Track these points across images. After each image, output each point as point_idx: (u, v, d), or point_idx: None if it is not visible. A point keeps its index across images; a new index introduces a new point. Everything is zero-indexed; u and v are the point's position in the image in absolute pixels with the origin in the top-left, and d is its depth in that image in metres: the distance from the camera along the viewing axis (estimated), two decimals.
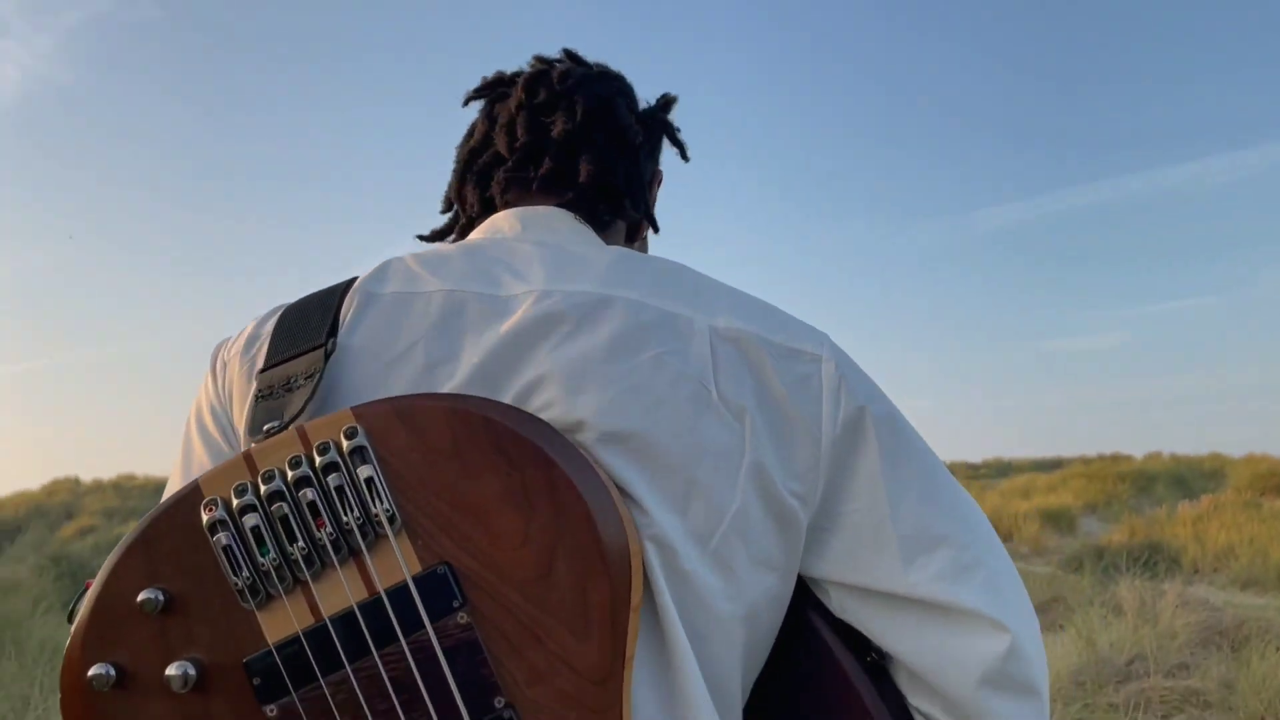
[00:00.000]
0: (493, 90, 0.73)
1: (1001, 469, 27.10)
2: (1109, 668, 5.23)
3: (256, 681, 0.47)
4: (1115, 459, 21.74)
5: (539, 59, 0.74)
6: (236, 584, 0.47)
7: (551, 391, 0.54)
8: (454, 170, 0.74)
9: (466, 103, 0.75)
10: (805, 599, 0.59)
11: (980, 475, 24.67)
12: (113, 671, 0.47)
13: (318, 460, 0.48)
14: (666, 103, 0.76)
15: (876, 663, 0.58)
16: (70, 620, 0.48)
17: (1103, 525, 11.71)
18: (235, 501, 0.47)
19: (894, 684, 0.58)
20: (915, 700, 0.58)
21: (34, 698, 4.92)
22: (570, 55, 0.74)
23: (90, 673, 0.47)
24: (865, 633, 0.58)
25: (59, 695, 0.49)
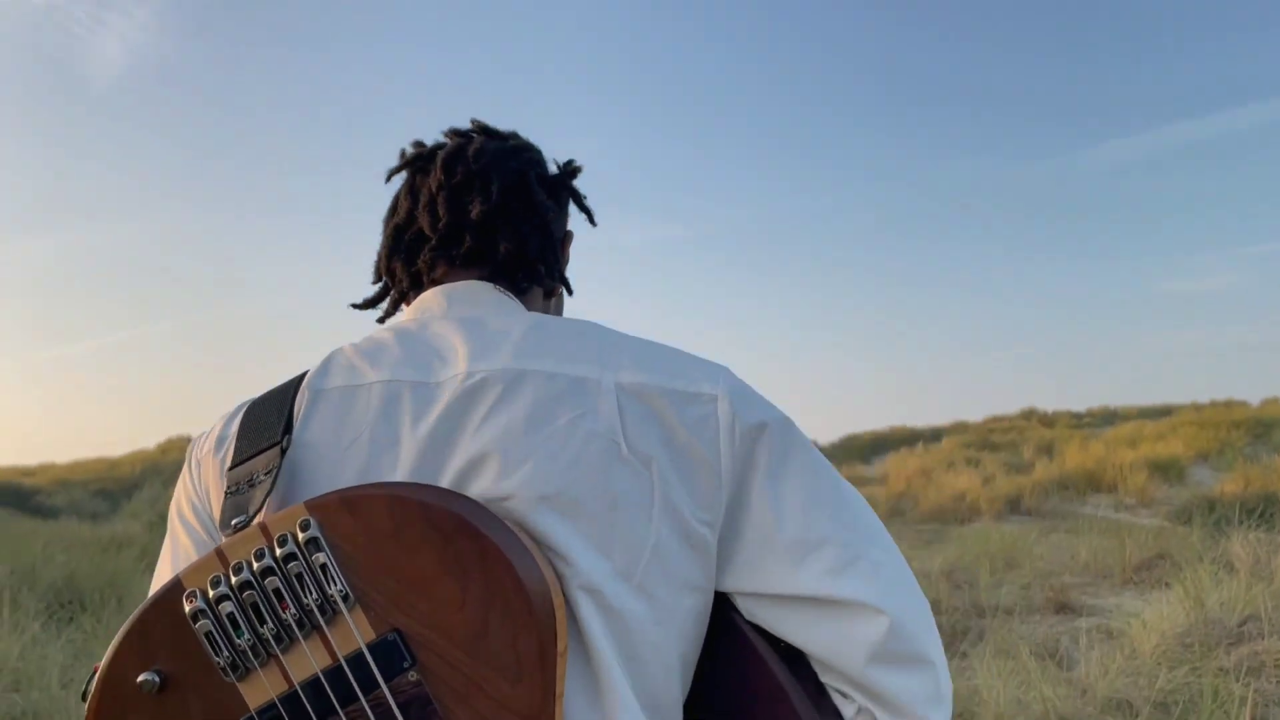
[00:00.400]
0: (413, 165, 0.81)
1: (1107, 417, 26.20)
2: (1219, 629, 5.07)
3: None
4: (1229, 405, 20.84)
5: (454, 132, 0.82)
6: (219, 662, 0.57)
7: (481, 466, 0.63)
8: (382, 244, 0.82)
9: (389, 179, 0.83)
10: (727, 600, 0.68)
11: (1084, 424, 23.95)
12: (111, 712, 0.57)
13: (278, 551, 0.57)
14: (573, 171, 0.84)
15: (791, 649, 0.67)
16: (84, 699, 0.58)
17: (1215, 475, 11.26)
18: (211, 592, 0.57)
19: (809, 665, 0.67)
20: (825, 678, 0.67)
21: None
22: (483, 129, 0.82)
23: (99, 712, 0.57)
24: (772, 631, 0.66)
25: None
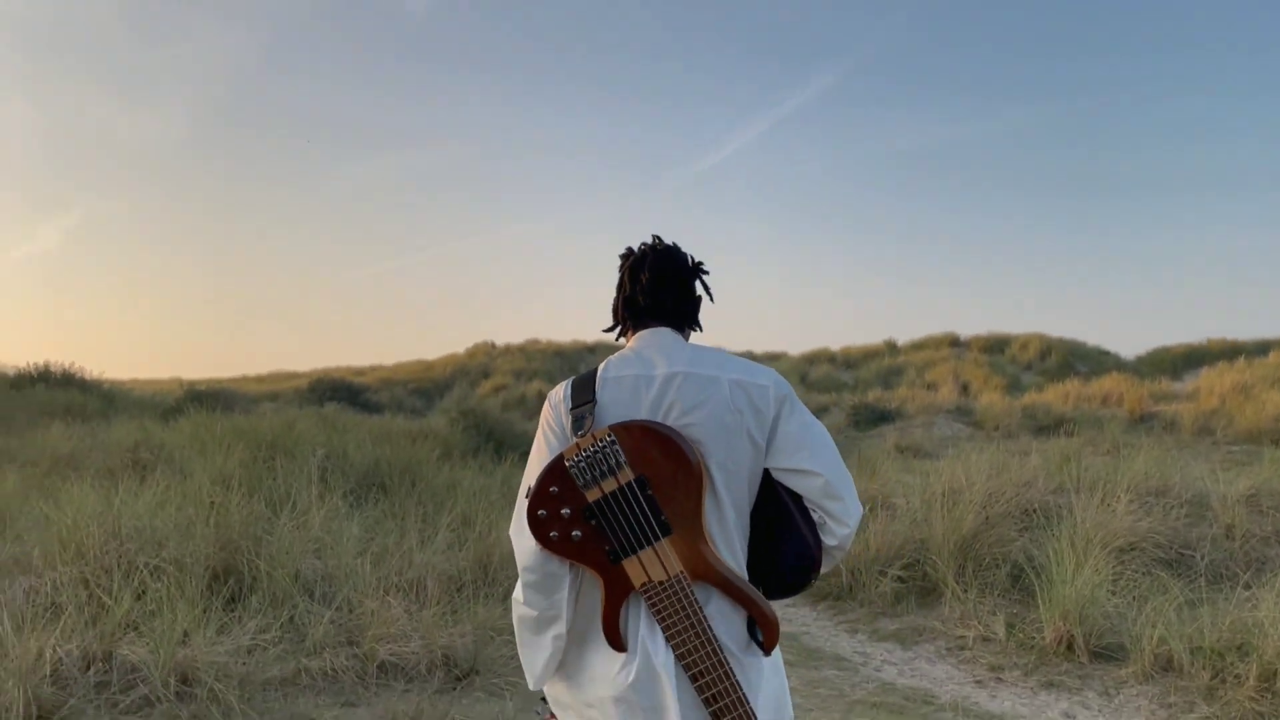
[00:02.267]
0: (632, 264, 1.95)
1: None
2: None
3: (586, 514, 1.75)
4: None
5: (648, 246, 1.96)
6: (579, 484, 1.75)
7: (676, 411, 1.79)
8: (617, 302, 1.98)
9: (620, 269, 1.97)
10: (769, 472, 1.83)
11: None
12: (543, 512, 1.76)
13: (599, 444, 1.75)
14: (703, 270, 1.97)
15: (793, 492, 1.82)
16: (525, 496, 1.79)
17: None
18: (576, 458, 1.75)
19: (800, 499, 1.82)
20: (806, 503, 1.81)
21: (416, 528, 6.49)
22: (664, 245, 1.96)
23: (537, 513, 1.77)
24: (785, 484, 1.81)
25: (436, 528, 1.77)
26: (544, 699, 1.98)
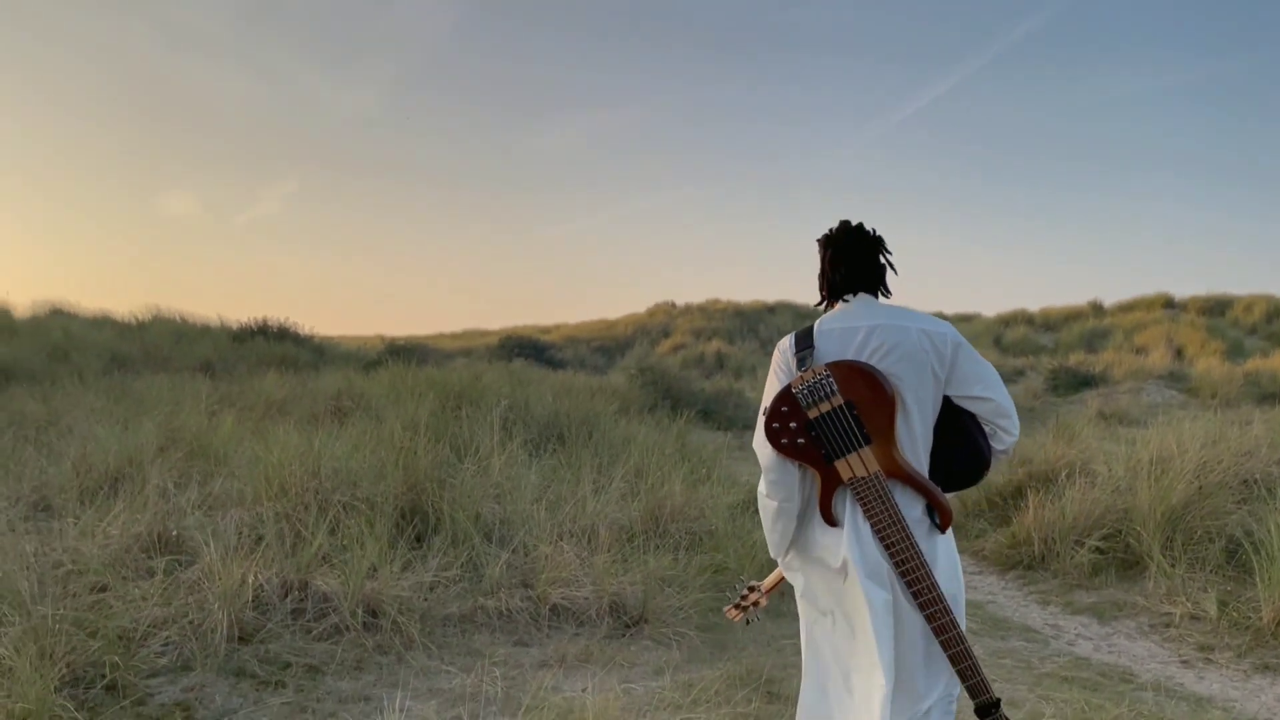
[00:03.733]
0: (829, 245, 2.64)
1: None
2: None
3: (808, 426, 2.48)
4: None
5: (841, 229, 2.61)
6: (803, 405, 2.49)
7: (879, 354, 2.53)
8: (821, 281, 2.67)
9: (820, 249, 2.67)
10: (949, 399, 2.61)
11: None
12: (776, 425, 2.52)
13: (818, 377, 2.49)
14: (883, 245, 2.66)
15: (974, 416, 2.57)
16: (763, 414, 2.50)
17: None
18: (800, 387, 2.51)
19: (979, 422, 2.57)
20: (980, 420, 2.52)
21: (590, 478, 6.57)
22: (850, 225, 2.63)
23: (772, 425, 2.53)
24: (965, 408, 2.53)
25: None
26: (736, 586, 3.01)
